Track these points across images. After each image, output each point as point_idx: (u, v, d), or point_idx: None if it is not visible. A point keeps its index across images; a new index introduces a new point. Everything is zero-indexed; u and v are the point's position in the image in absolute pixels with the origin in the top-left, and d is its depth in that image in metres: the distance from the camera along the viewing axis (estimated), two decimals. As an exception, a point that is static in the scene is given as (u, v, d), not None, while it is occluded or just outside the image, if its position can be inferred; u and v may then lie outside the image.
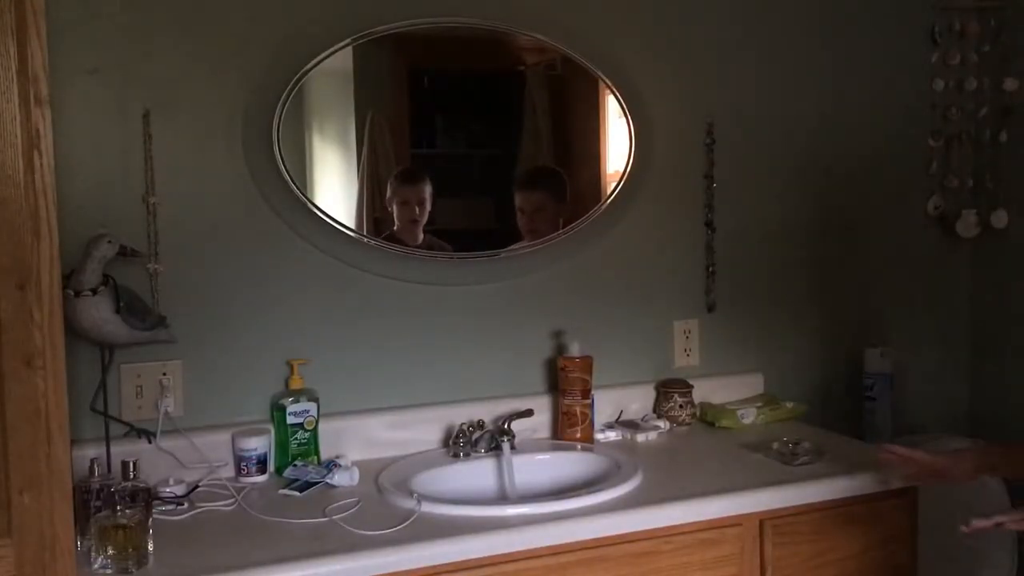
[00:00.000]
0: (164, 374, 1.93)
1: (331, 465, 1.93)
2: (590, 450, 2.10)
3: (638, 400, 2.32)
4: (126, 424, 1.88)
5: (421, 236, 2.14)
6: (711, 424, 2.29)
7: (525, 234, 2.23)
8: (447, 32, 2.10)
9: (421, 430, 2.11)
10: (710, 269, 2.39)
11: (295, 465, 1.95)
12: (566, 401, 2.16)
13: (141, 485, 1.64)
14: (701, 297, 2.40)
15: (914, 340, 2.63)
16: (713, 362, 2.41)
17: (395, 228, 2.12)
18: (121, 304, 1.76)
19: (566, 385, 2.16)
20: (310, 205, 2.01)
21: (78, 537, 1.49)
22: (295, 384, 2.00)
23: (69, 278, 1.68)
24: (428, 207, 2.16)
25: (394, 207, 2.12)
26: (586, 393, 2.16)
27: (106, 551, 1.51)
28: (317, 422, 1.99)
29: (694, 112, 2.36)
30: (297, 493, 1.85)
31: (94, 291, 1.72)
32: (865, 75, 2.52)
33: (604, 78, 2.22)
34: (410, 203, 2.15)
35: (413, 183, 2.15)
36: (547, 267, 2.24)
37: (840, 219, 2.52)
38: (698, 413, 2.32)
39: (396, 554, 1.56)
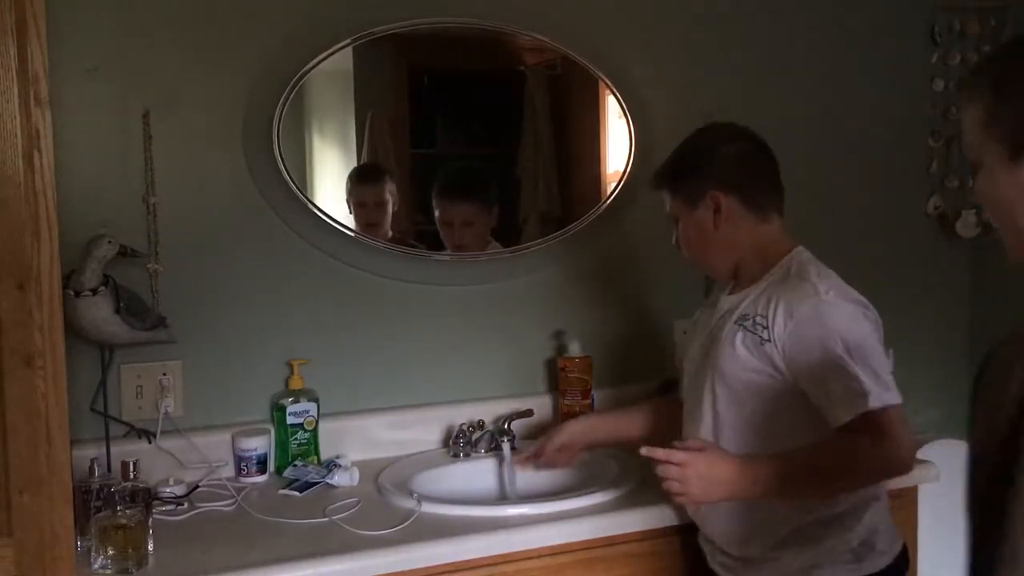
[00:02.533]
0: (164, 374, 1.93)
1: (331, 465, 1.93)
2: (590, 450, 2.09)
3: (638, 400, 2.31)
4: (126, 424, 1.88)
5: (386, 234, 2.08)
6: (711, 424, 2.29)
7: (452, 249, 2.13)
8: (447, 32, 2.10)
9: (421, 430, 2.10)
10: (710, 269, 2.39)
11: (295, 465, 1.95)
12: (566, 401, 2.16)
13: (141, 485, 1.64)
14: (701, 297, 2.39)
15: (913, 340, 2.62)
16: (713, 362, 2.41)
17: (353, 233, 2.03)
18: (121, 304, 1.76)
19: (566, 385, 2.16)
20: (310, 205, 2.01)
21: (78, 537, 1.49)
22: (295, 384, 2.00)
23: (69, 278, 1.68)
24: (390, 209, 2.08)
25: (352, 207, 2.05)
26: (586, 393, 2.16)
27: (106, 551, 1.51)
28: (317, 422, 1.99)
29: (694, 112, 2.34)
30: (297, 493, 1.85)
31: (94, 291, 1.72)
32: (865, 75, 2.52)
33: (604, 78, 2.22)
34: (367, 205, 2.08)
35: (371, 182, 2.07)
36: (547, 267, 2.24)
37: (840, 219, 2.52)
38: (698, 413, 2.32)
39: (396, 554, 1.56)
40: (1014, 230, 1.10)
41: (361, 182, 2.07)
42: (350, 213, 2.06)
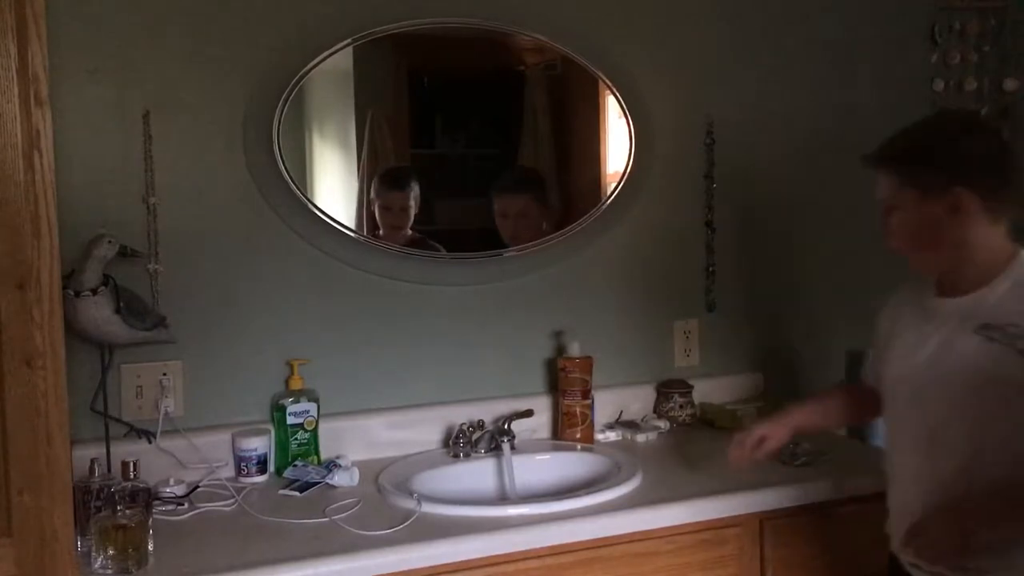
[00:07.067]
0: (164, 374, 1.93)
1: (331, 465, 1.93)
2: (590, 450, 2.10)
3: (638, 400, 2.32)
4: (126, 424, 1.88)
5: (405, 236, 2.12)
6: (711, 424, 2.29)
7: (508, 240, 2.20)
8: (447, 32, 2.10)
9: (421, 430, 2.11)
10: (710, 269, 2.39)
11: (295, 465, 1.95)
12: (566, 401, 2.16)
13: (141, 485, 1.64)
14: (701, 297, 2.40)
15: (914, 340, 2.62)
16: (713, 362, 2.41)
17: (379, 232, 2.09)
18: (121, 304, 1.76)
19: (566, 385, 2.16)
20: (310, 205, 2.01)
21: (78, 537, 1.49)
22: (295, 384, 2.00)
23: (69, 278, 1.68)
24: (412, 213, 2.12)
25: (376, 208, 2.09)
26: (586, 393, 2.16)
27: (106, 551, 1.51)
28: (317, 422, 1.99)
29: (694, 112, 2.36)
30: (297, 493, 1.85)
31: (94, 291, 1.72)
32: (865, 75, 2.52)
33: (604, 78, 2.22)
34: (392, 209, 2.11)
35: (398, 189, 2.11)
36: (547, 267, 2.24)
37: (839, 218, 2.52)
38: (698, 413, 2.32)
39: (396, 554, 1.56)
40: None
41: (389, 187, 2.11)
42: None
